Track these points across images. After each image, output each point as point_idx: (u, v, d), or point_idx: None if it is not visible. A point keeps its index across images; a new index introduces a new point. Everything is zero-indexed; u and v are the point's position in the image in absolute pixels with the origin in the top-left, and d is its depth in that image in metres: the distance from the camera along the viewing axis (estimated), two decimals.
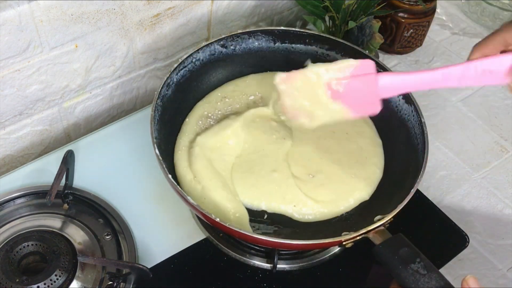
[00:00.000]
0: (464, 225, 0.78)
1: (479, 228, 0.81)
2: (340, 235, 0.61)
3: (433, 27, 1.09)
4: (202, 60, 0.78)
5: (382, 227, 0.61)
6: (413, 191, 0.64)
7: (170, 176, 0.63)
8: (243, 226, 0.67)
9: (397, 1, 0.96)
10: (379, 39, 0.92)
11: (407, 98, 0.74)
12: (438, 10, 1.10)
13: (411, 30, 0.98)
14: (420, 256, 0.57)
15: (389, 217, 0.62)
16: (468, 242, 0.75)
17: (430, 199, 0.80)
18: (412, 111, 0.73)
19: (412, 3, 0.96)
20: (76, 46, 0.76)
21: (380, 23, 0.92)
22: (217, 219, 0.60)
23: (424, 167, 0.66)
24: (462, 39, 1.09)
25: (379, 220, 0.62)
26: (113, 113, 0.92)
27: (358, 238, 0.61)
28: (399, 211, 0.63)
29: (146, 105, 0.91)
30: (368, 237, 0.61)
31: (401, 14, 0.97)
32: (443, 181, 0.86)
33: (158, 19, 0.83)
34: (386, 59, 1.03)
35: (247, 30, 0.80)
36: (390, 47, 1.02)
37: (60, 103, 0.82)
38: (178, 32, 0.88)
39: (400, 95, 0.75)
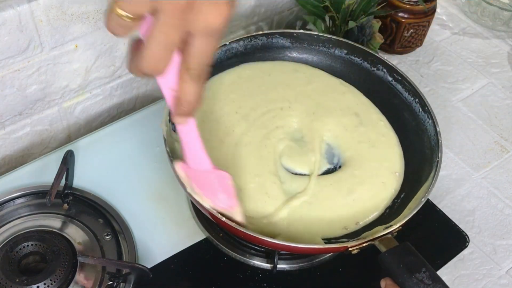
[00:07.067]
0: (464, 225, 0.78)
1: (479, 228, 0.81)
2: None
3: (433, 27, 1.09)
4: (220, 58, 0.77)
5: (389, 235, 0.61)
6: (423, 200, 0.64)
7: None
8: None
9: (397, 1, 0.96)
10: (379, 39, 0.92)
11: (423, 107, 0.74)
12: (438, 10, 1.10)
13: (411, 30, 0.98)
14: (425, 265, 0.56)
15: (397, 225, 0.61)
16: (468, 242, 0.76)
17: (430, 199, 0.80)
18: (427, 119, 0.73)
19: (412, 3, 0.96)
20: (76, 46, 0.76)
21: (380, 23, 0.93)
22: (229, 222, 0.59)
23: (436, 178, 0.66)
24: (462, 39, 1.09)
25: (387, 228, 0.61)
26: (113, 113, 0.91)
27: (364, 245, 0.60)
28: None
29: (146, 105, 0.91)
30: (374, 244, 0.60)
31: (401, 14, 0.97)
32: (443, 181, 0.85)
33: None
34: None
35: (266, 31, 0.80)
36: (390, 47, 1.02)
37: (60, 103, 0.82)
38: None
39: (417, 103, 0.75)
